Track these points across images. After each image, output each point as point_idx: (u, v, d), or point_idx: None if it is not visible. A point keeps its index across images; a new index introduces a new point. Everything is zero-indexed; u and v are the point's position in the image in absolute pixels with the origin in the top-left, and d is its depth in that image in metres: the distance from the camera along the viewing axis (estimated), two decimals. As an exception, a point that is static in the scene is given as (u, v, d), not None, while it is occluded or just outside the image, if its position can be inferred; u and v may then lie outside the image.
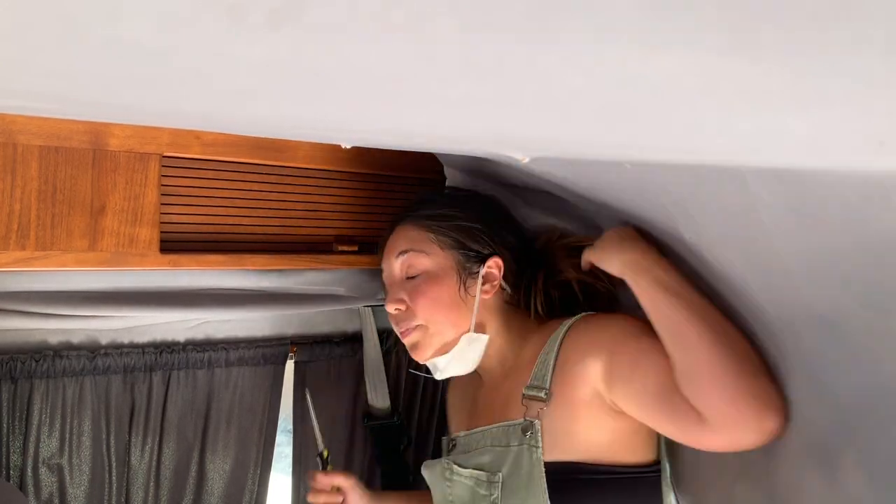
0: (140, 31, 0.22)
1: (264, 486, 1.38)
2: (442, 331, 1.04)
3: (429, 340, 1.05)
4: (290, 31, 0.21)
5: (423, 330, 1.05)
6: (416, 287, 1.04)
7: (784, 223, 0.59)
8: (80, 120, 0.97)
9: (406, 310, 1.05)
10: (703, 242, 0.77)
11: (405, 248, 1.06)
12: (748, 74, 0.21)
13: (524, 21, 0.18)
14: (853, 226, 0.51)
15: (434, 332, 1.04)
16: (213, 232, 1.15)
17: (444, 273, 1.04)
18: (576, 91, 0.26)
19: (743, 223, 0.65)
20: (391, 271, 1.09)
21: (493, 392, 1.09)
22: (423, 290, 1.04)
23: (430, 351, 1.06)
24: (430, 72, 0.26)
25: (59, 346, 1.16)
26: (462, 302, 1.04)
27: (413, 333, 1.05)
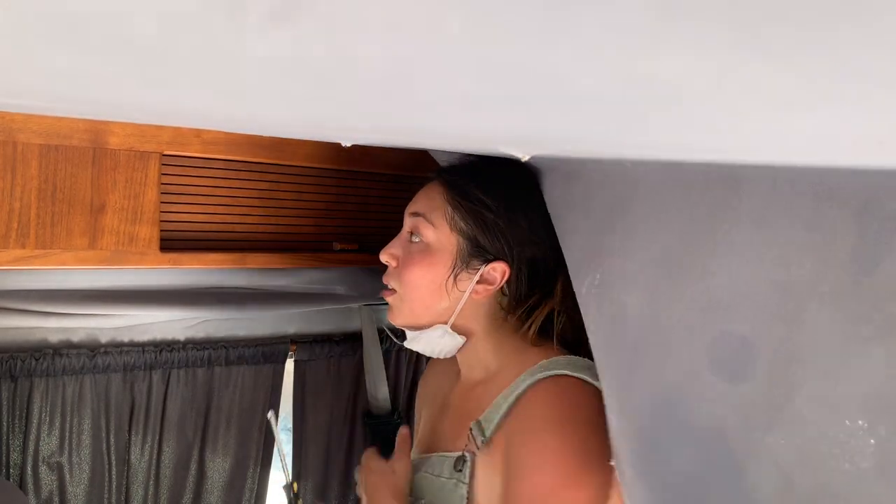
0: (140, 29, 0.22)
1: (264, 484, 1.38)
2: (413, 309, 1.00)
3: (399, 310, 1.01)
4: (291, 30, 0.21)
5: (398, 298, 1.00)
6: (410, 254, 0.99)
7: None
8: (81, 118, 0.97)
9: (395, 267, 1.01)
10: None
11: (419, 211, 1.00)
12: (756, 73, 0.21)
13: (531, 20, 0.18)
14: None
15: (405, 306, 1.00)
16: (213, 230, 1.15)
17: (439, 254, 0.97)
18: (584, 90, 0.26)
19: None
20: (404, 223, 1.04)
21: (462, 398, 1.05)
22: (413, 259, 0.98)
23: (399, 319, 1.02)
24: (431, 70, 0.26)
25: (59, 345, 1.16)
26: (444, 292, 0.97)
27: (390, 295, 1.02)
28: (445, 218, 0.97)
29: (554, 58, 0.21)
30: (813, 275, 0.52)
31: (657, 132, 0.39)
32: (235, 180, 1.16)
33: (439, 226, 0.98)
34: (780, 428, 0.54)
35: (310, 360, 1.40)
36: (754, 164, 0.56)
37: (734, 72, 0.21)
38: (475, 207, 0.97)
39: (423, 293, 0.98)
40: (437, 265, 0.97)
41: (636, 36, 0.18)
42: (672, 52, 0.19)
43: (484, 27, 0.19)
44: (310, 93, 0.35)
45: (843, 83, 0.20)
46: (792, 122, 0.28)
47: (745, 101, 0.25)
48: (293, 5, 0.19)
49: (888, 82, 0.19)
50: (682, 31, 0.17)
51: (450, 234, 0.97)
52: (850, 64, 0.18)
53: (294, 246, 1.22)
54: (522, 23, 0.18)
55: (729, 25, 0.16)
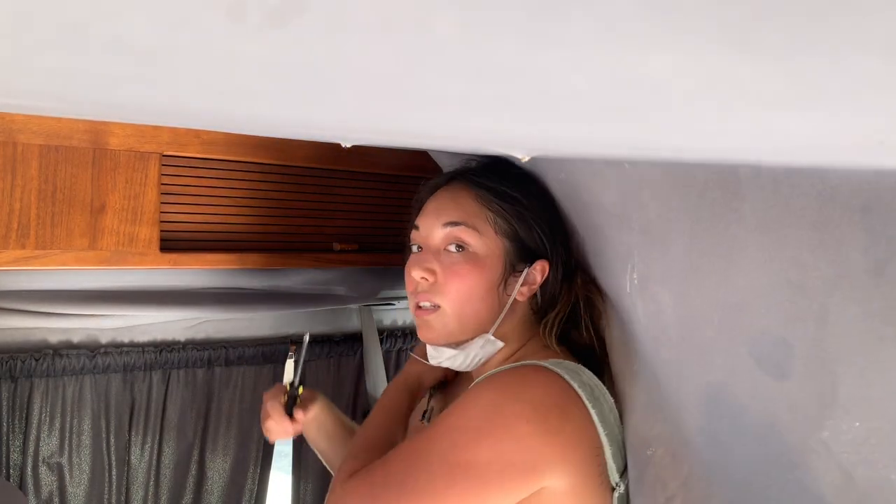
0: (139, 29, 0.22)
1: (263, 484, 1.38)
2: (463, 323, 0.92)
3: (444, 328, 0.92)
4: (290, 30, 0.21)
5: (442, 314, 0.91)
6: (455, 265, 0.90)
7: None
8: (81, 119, 0.97)
9: (433, 283, 0.91)
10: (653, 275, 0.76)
11: (458, 220, 0.91)
12: (747, 73, 0.21)
13: (524, 20, 0.18)
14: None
15: (452, 321, 0.92)
16: (213, 231, 1.15)
17: (489, 260, 0.91)
18: (576, 90, 0.26)
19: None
20: (430, 235, 0.93)
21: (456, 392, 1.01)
22: (461, 271, 0.90)
23: (442, 337, 0.93)
24: (430, 71, 0.26)
25: (59, 345, 1.16)
26: (496, 299, 0.91)
27: (430, 314, 0.92)
28: (489, 222, 0.91)
29: (544, 58, 0.21)
30: (830, 274, 0.52)
31: (649, 133, 0.39)
32: (235, 181, 1.16)
33: (484, 231, 0.91)
34: (831, 423, 0.55)
35: (310, 361, 1.40)
36: (751, 164, 0.56)
37: (724, 72, 0.21)
38: (514, 208, 0.92)
39: (477, 305, 0.91)
40: (489, 272, 0.91)
41: (626, 36, 0.18)
42: (662, 52, 0.19)
43: (476, 28, 0.19)
44: (309, 93, 0.35)
45: (836, 83, 0.20)
46: (784, 122, 0.28)
47: (736, 101, 0.25)
48: (292, 6, 0.19)
49: (881, 82, 0.20)
50: (672, 32, 0.17)
51: (495, 237, 0.91)
52: (842, 64, 0.18)
53: (294, 246, 1.22)
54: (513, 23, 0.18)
55: (719, 25, 0.16)
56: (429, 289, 0.92)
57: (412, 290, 0.95)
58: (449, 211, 0.93)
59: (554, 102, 0.30)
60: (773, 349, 0.58)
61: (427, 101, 0.34)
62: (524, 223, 0.93)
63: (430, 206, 0.96)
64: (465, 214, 0.92)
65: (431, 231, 0.93)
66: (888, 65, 0.18)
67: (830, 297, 0.52)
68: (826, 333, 0.53)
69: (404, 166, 1.33)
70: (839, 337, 0.52)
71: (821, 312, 0.53)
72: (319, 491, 1.44)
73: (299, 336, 1.39)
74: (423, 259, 0.93)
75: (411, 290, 0.95)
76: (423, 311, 0.93)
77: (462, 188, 0.94)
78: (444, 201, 0.95)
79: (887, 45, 0.17)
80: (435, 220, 0.93)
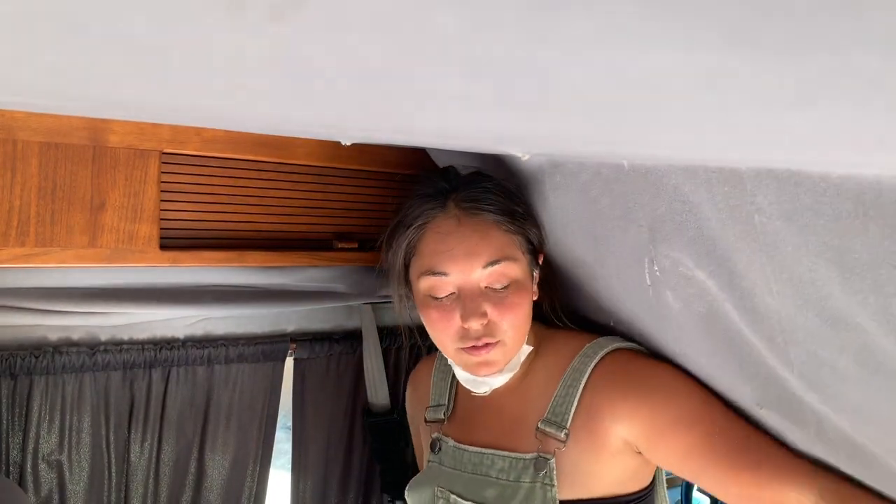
0: (139, 27, 0.22)
1: (263, 482, 1.38)
2: (518, 346, 0.93)
3: (505, 358, 0.92)
4: (290, 28, 0.21)
5: (502, 347, 0.90)
6: (506, 299, 0.89)
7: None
8: (80, 116, 0.97)
9: (487, 324, 0.89)
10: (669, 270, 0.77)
11: (497, 258, 0.88)
12: (747, 72, 0.21)
13: (524, 18, 0.18)
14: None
15: (512, 350, 0.92)
16: (213, 229, 1.15)
17: (527, 282, 0.92)
18: (576, 88, 0.26)
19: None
20: (468, 279, 0.89)
21: (496, 406, 1.01)
22: (515, 303, 0.89)
23: (505, 364, 0.93)
24: (430, 68, 0.26)
25: (58, 343, 1.16)
26: (531, 311, 0.93)
27: (494, 349, 0.90)
28: (518, 247, 0.92)
29: (544, 56, 0.21)
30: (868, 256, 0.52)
31: (649, 131, 0.39)
32: (235, 178, 1.16)
33: (519, 257, 0.91)
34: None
35: (309, 359, 1.40)
36: (751, 163, 0.56)
37: (724, 71, 0.21)
38: (526, 221, 0.93)
39: (525, 325, 0.92)
40: (529, 292, 0.92)
41: (627, 35, 0.18)
42: (662, 50, 0.19)
43: (476, 25, 0.19)
44: (309, 91, 0.35)
45: (836, 83, 0.20)
46: (784, 121, 0.28)
47: (736, 100, 0.25)
48: (291, 2, 0.19)
49: (881, 82, 0.20)
50: (672, 30, 0.17)
51: (524, 257, 0.92)
52: (843, 63, 0.18)
53: (294, 244, 1.22)
54: (513, 22, 0.18)
55: (719, 24, 0.16)
56: (487, 331, 0.89)
57: (465, 339, 0.91)
58: (483, 250, 0.89)
59: (554, 100, 0.30)
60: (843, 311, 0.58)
61: (427, 98, 0.34)
62: (531, 230, 0.94)
63: (452, 247, 0.90)
64: (500, 248, 0.89)
65: (469, 275, 0.89)
66: (888, 64, 0.18)
67: (878, 273, 0.52)
68: (889, 303, 0.53)
69: (404, 163, 1.33)
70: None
71: (875, 286, 0.53)
72: (319, 490, 1.44)
73: (299, 334, 1.39)
74: (473, 307, 0.89)
75: (463, 339, 0.91)
76: (481, 348, 0.90)
77: (479, 220, 0.91)
78: (472, 241, 0.90)
79: (887, 44, 0.17)
80: (470, 265, 0.89)
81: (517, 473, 0.92)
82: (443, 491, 0.99)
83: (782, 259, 0.60)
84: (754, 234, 0.62)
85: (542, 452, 0.90)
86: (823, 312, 0.59)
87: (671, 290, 0.79)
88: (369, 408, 1.48)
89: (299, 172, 1.22)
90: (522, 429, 0.94)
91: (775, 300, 0.64)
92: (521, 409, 0.96)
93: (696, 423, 0.82)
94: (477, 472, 0.97)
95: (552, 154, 0.84)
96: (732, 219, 0.63)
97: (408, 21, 0.19)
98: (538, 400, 0.94)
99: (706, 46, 0.18)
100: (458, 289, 0.91)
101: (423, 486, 1.04)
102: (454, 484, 0.98)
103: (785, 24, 0.16)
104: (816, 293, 0.59)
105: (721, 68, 0.20)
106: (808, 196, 0.53)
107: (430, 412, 1.13)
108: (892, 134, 0.30)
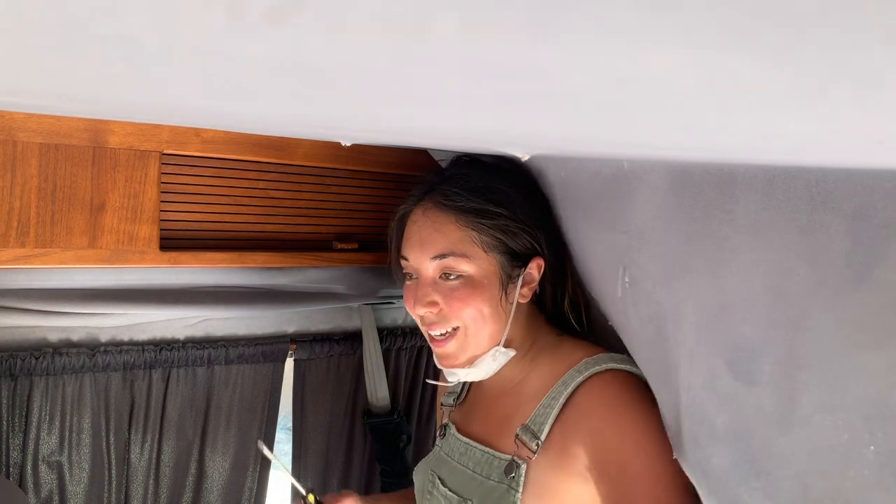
0: (138, 28, 0.22)
1: (263, 483, 1.38)
2: (479, 342, 0.94)
3: (462, 351, 0.95)
4: (290, 29, 0.21)
5: (462, 337, 0.94)
6: (454, 291, 0.92)
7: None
8: (80, 117, 0.97)
9: (439, 312, 0.94)
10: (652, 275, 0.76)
11: (445, 252, 0.92)
12: (747, 72, 0.21)
13: (523, 19, 0.18)
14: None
15: (470, 342, 0.94)
16: (212, 230, 1.15)
17: (486, 280, 0.93)
18: (575, 88, 0.26)
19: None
20: (420, 267, 0.95)
21: (493, 402, 1.02)
22: (461, 296, 0.92)
23: (462, 358, 0.96)
24: (430, 69, 0.26)
25: (58, 344, 1.16)
26: (502, 311, 0.94)
27: (450, 342, 0.94)
28: (475, 243, 0.92)
29: (543, 56, 0.21)
30: (811, 281, 0.52)
31: (648, 132, 0.39)
32: (235, 179, 1.16)
33: (474, 254, 0.92)
34: (791, 433, 0.55)
35: (310, 359, 1.40)
36: (748, 165, 0.56)
37: (724, 71, 0.21)
38: (496, 222, 0.93)
39: (487, 324, 0.93)
40: (488, 291, 0.93)
41: (626, 34, 0.18)
42: (661, 50, 0.19)
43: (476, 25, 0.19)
44: (309, 92, 0.35)
45: (836, 83, 0.20)
46: (782, 122, 0.28)
47: (736, 100, 0.25)
48: (291, 3, 0.19)
49: (881, 82, 0.20)
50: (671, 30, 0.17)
51: (486, 256, 0.93)
52: (843, 63, 0.18)
53: (294, 245, 1.23)
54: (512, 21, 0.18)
55: (719, 24, 0.16)
56: (437, 319, 0.94)
57: (424, 326, 0.97)
58: (434, 243, 0.93)
59: (553, 101, 0.30)
60: (747, 355, 0.59)
61: (426, 99, 0.34)
62: (509, 233, 0.94)
63: (412, 235, 0.96)
64: (451, 243, 0.92)
65: (421, 264, 0.94)
66: (888, 64, 0.18)
67: (809, 303, 0.52)
68: (801, 340, 0.53)
69: (404, 164, 1.33)
70: (813, 344, 0.52)
71: (798, 318, 0.53)
72: (319, 490, 1.44)
73: (300, 335, 1.39)
74: (421, 295, 0.94)
75: (423, 327, 0.97)
76: (440, 341, 0.95)
77: (440, 213, 0.94)
78: (426, 232, 0.94)
79: (887, 44, 0.17)
80: (421, 254, 0.94)
81: (489, 470, 0.93)
82: (433, 475, 1.02)
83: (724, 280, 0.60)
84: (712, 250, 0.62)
85: (517, 457, 0.91)
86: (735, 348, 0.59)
87: (633, 305, 0.79)
88: (369, 409, 1.48)
89: (299, 173, 1.22)
90: (507, 429, 0.95)
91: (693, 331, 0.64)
92: (511, 409, 0.97)
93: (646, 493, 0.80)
94: (460, 462, 0.99)
95: (552, 154, 0.84)
96: (701, 232, 0.63)
97: (407, 22, 0.19)
98: (528, 405, 0.94)
99: (706, 47, 0.18)
100: (416, 273, 0.96)
101: (423, 467, 1.08)
102: (443, 469, 1.02)
103: (785, 24, 0.16)
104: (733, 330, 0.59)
105: (720, 69, 0.20)
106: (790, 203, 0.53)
107: (445, 396, 1.15)
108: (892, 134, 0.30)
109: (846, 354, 0.50)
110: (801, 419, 0.53)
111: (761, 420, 0.57)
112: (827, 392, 0.51)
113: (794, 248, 0.53)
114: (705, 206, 0.62)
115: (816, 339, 0.52)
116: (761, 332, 0.57)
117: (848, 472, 0.50)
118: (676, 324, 0.70)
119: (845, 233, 0.49)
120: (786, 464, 0.55)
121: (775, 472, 0.57)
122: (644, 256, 0.75)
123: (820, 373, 0.52)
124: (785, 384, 0.55)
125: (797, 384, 0.54)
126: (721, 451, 0.64)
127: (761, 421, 0.57)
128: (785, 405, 0.55)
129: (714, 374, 0.63)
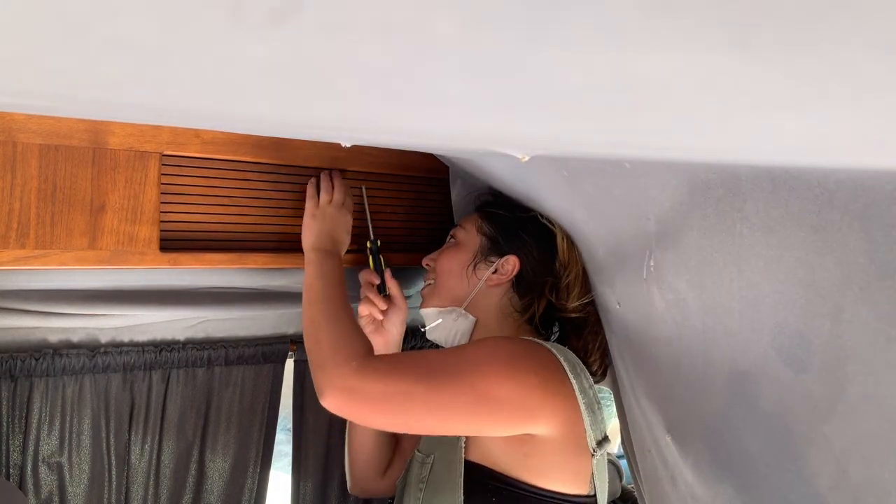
0: (139, 29, 0.22)
1: (263, 484, 1.38)
2: (441, 293, 1.21)
3: (430, 294, 1.23)
4: (290, 30, 0.21)
5: (432, 287, 1.23)
6: (443, 250, 1.25)
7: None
8: (80, 118, 0.97)
9: (431, 267, 1.25)
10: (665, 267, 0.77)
11: (457, 223, 1.27)
12: (746, 73, 0.21)
13: (523, 20, 0.18)
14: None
15: (436, 289, 1.22)
16: (212, 230, 1.15)
17: (464, 247, 1.22)
18: (576, 90, 0.26)
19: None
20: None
21: None
22: (445, 253, 1.23)
23: (429, 302, 1.23)
24: (430, 70, 0.26)
25: (58, 345, 1.16)
26: (465, 277, 1.19)
27: (426, 287, 1.25)
28: (474, 224, 1.24)
29: (544, 57, 0.21)
30: (837, 276, 0.52)
31: (649, 133, 0.39)
32: (235, 180, 1.16)
33: (468, 228, 1.24)
34: (836, 420, 0.55)
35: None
36: (751, 165, 0.56)
37: (725, 72, 0.21)
38: (501, 223, 1.21)
39: (450, 279, 1.20)
40: (461, 255, 1.21)
41: (626, 36, 0.18)
42: (662, 51, 0.19)
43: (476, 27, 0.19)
44: (309, 93, 0.35)
45: (836, 83, 0.20)
46: (784, 122, 0.28)
47: (736, 101, 0.25)
48: (291, 5, 0.19)
49: (881, 82, 0.20)
50: (672, 32, 0.17)
51: (475, 234, 1.22)
52: (842, 64, 0.18)
53: (294, 246, 1.22)
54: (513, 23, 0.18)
55: (719, 25, 0.16)
56: (429, 271, 1.26)
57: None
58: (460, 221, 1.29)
59: (554, 102, 0.30)
60: (792, 342, 0.59)
61: (427, 100, 0.34)
62: (502, 228, 1.20)
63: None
64: (463, 220, 1.27)
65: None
66: (888, 65, 0.18)
67: (843, 296, 0.52)
68: (841, 331, 0.53)
69: (404, 165, 1.33)
70: (853, 335, 0.53)
71: (835, 310, 0.53)
72: (320, 492, 1.44)
73: (300, 335, 1.39)
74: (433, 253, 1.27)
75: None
76: (425, 288, 1.26)
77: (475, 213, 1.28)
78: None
79: (887, 44, 0.17)
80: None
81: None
82: (419, 450, 1.14)
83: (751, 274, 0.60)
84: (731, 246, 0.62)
85: None
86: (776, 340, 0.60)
87: (658, 288, 0.80)
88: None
89: (299, 174, 1.22)
90: None
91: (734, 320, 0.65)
92: None
93: (459, 359, 0.98)
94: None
95: (555, 156, 0.84)
96: (716, 227, 0.63)
97: (407, 23, 0.19)
98: None
99: (706, 48, 0.18)
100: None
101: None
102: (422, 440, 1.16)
103: (784, 25, 0.16)
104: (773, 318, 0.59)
105: (721, 70, 0.20)
106: (797, 203, 0.53)
107: None
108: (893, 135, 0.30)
109: (885, 348, 0.50)
110: (847, 407, 0.54)
111: (807, 407, 0.58)
112: (871, 382, 0.52)
113: (812, 245, 0.53)
114: (717, 202, 0.63)
115: (856, 332, 0.52)
116: (802, 321, 0.57)
117: (889, 462, 0.51)
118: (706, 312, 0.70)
119: (859, 231, 0.49)
120: (827, 449, 0.56)
121: (815, 457, 0.58)
122: (663, 245, 0.76)
123: (863, 363, 0.52)
124: (832, 373, 0.55)
125: (844, 373, 0.54)
126: (756, 431, 0.65)
127: (807, 407, 0.58)
128: (834, 394, 0.55)
129: (765, 359, 0.63)
